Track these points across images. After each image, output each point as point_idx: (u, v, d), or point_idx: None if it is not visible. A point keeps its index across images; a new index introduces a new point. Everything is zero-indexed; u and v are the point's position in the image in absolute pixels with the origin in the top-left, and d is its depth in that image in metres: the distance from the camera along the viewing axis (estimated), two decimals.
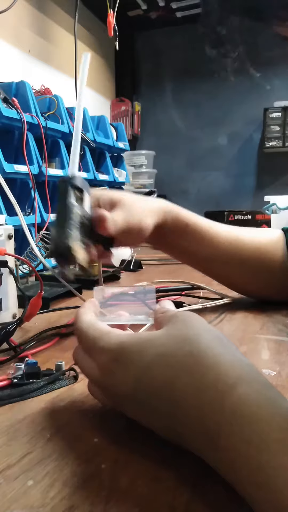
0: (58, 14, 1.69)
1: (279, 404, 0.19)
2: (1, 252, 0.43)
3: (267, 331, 0.46)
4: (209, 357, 0.22)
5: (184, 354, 0.23)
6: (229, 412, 0.20)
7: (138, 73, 2.45)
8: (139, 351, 0.24)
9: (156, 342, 0.24)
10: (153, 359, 0.23)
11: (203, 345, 0.23)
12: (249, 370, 0.22)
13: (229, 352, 0.23)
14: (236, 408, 0.19)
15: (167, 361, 0.23)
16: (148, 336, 0.25)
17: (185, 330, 0.24)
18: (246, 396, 0.20)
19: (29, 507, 0.19)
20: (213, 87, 2.28)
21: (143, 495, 0.20)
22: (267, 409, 0.19)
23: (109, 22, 0.94)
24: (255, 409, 0.19)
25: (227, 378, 0.21)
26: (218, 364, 0.22)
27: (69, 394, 0.31)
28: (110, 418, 0.28)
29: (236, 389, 0.20)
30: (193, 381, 0.22)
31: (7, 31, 1.39)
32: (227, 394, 0.20)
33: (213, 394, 0.21)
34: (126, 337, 0.25)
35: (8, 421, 0.27)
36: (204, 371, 0.22)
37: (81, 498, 0.20)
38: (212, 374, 0.21)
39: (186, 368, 0.22)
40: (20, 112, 0.87)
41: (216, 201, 2.23)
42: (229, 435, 0.19)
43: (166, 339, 0.24)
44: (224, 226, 0.53)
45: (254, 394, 0.20)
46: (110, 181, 1.32)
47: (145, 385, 0.23)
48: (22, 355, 0.38)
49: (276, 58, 0.75)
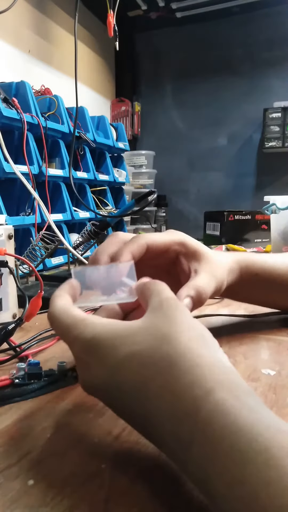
0: (58, 14, 1.69)
1: (259, 412, 0.18)
2: (1, 252, 0.43)
3: (267, 331, 0.46)
4: (187, 360, 0.21)
5: (160, 355, 0.21)
6: (204, 419, 0.18)
7: (138, 74, 2.45)
8: (112, 346, 0.22)
9: (133, 338, 0.22)
10: (127, 356, 0.22)
11: (182, 345, 0.21)
12: (229, 374, 0.20)
13: (210, 354, 0.21)
14: (212, 416, 0.18)
15: (141, 361, 0.21)
16: (125, 329, 0.23)
17: (165, 326, 0.22)
18: (223, 402, 0.18)
19: (29, 507, 0.20)
20: (213, 87, 2.28)
21: (143, 495, 0.20)
22: (246, 418, 0.17)
23: (109, 23, 0.94)
24: (232, 418, 0.17)
25: (204, 382, 0.19)
26: (195, 367, 0.20)
27: (69, 394, 0.31)
28: (110, 418, 0.28)
29: (212, 394, 0.19)
30: (168, 384, 0.20)
31: (7, 31, 1.39)
32: (202, 400, 0.19)
33: (188, 399, 0.19)
34: (101, 327, 0.23)
35: (8, 421, 0.27)
36: (180, 374, 0.20)
37: (81, 498, 0.20)
38: (188, 378, 0.20)
39: (161, 370, 0.21)
40: (20, 112, 0.87)
41: (216, 201, 2.23)
42: (203, 445, 0.18)
43: (144, 335, 0.22)
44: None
45: (232, 401, 0.18)
46: (110, 181, 1.32)
47: (118, 382, 0.22)
48: (22, 355, 0.38)
49: (276, 58, 0.74)
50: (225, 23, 2.19)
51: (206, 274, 0.37)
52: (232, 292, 0.44)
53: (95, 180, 1.22)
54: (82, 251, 0.83)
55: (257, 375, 0.34)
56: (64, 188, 1.03)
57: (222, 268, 0.40)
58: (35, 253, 0.68)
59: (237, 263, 0.43)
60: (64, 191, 1.03)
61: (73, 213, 1.04)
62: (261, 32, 2.13)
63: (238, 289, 0.44)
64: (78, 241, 0.82)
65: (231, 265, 0.42)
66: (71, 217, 1.03)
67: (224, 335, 0.45)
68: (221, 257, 0.41)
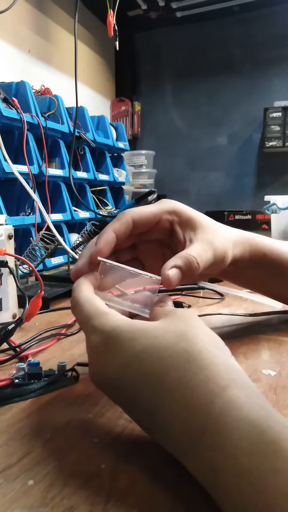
0: (58, 14, 1.69)
1: (269, 410, 0.19)
2: (1, 252, 0.43)
3: (268, 331, 0.46)
4: (203, 358, 0.22)
5: (178, 350, 0.22)
6: (217, 412, 0.19)
7: (138, 73, 2.45)
8: (132, 338, 0.23)
9: (152, 332, 0.23)
10: (144, 349, 0.22)
11: (200, 345, 0.22)
12: (242, 376, 0.21)
13: (224, 356, 0.23)
14: (225, 409, 0.19)
15: (158, 354, 0.22)
16: (144, 325, 0.24)
17: (183, 326, 0.24)
18: (236, 398, 0.19)
19: (29, 507, 0.19)
20: (213, 87, 2.28)
21: (143, 495, 0.20)
22: (257, 413, 0.18)
23: (109, 22, 0.94)
24: (244, 412, 0.18)
25: (220, 380, 0.20)
26: (211, 365, 0.21)
27: (69, 394, 0.31)
28: (110, 418, 0.28)
29: (227, 390, 0.20)
30: (183, 378, 0.21)
31: (7, 31, 1.39)
32: (217, 395, 0.20)
33: (203, 392, 0.20)
34: (122, 321, 0.24)
35: (8, 421, 0.27)
36: (196, 370, 0.21)
37: (81, 498, 0.20)
38: (204, 374, 0.21)
39: (178, 364, 0.21)
40: (20, 112, 0.87)
41: (216, 201, 2.23)
42: (215, 435, 0.18)
43: (162, 331, 0.23)
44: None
45: (245, 398, 0.19)
46: (110, 181, 1.32)
47: (132, 373, 0.22)
48: (22, 355, 0.38)
49: (276, 58, 0.73)
50: (225, 23, 2.19)
51: (200, 242, 0.34)
52: (238, 270, 0.41)
53: (95, 180, 1.22)
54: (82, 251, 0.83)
55: (258, 375, 0.34)
56: (64, 188, 1.03)
57: (224, 238, 0.37)
58: (35, 253, 0.68)
59: (244, 237, 0.40)
60: (64, 191, 1.03)
61: (73, 213, 1.04)
62: (261, 32, 2.13)
63: (244, 267, 0.41)
64: (78, 241, 0.82)
65: (237, 238, 0.39)
66: (71, 217, 1.03)
67: (224, 335, 0.45)
68: (225, 228, 0.39)
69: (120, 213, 0.34)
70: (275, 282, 0.45)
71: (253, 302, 0.57)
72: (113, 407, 0.29)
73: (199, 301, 0.59)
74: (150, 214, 0.34)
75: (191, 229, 0.35)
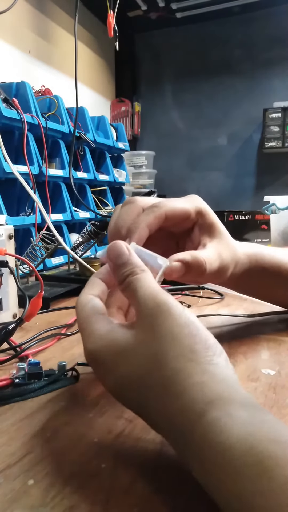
0: (58, 14, 1.70)
1: (252, 425, 0.18)
2: (2, 252, 0.43)
3: (267, 331, 0.46)
4: (177, 384, 0.21)
5: (152, 380, 0.22)
6: (199, 439, 0.19)
7: (138, 74, 2.46)
8: (114, 362, 0.23)
9: (127, 358, 0.23)
10: (126, 375, 0.23)
11: (170, 368, 0.21)
12: (221, 391, 0.20)
13: (201, 370, 0.21)
14: (205, 437, 0.18)
15: (138, 382, 0.22)
16: (120, 347, 0.23)
17: (151, 343, 0.22)
18: (215, 422, 0.19)
19: (29, 507, 0.19)
20: (213, 88, 2.28)
21: (143, 495, 0.20)
22: (238, 434, 0.18)
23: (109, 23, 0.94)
24: (225, 436, 0.18)
25: (196, 406, 0.20)
26: (184, 393, 0.20)
27: (69, 394, 0.31)
28: (110, 418, 0.28)
29: (205, 416, 0.19)
30: (163, 409, 0.21)
31: (7, 32, 1.39)
32: (195, 423, 0.19)
33: (182, 422, 0.20)
34: (105, 343, 0.24)
35: (8, 420, 0.27)
36: (172, 400, 0.21)
37: (81, 498, 0.20)
38: (179, 403, 0.20)
39: (156, 395, 0.21)
40: (20, 112, 0.87)
41: (216, 201, 2.22)
42: (201, 462, 0.18)
43: (136, 355, 0.22)
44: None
45: (224, 419, 0.18)
46: (110, 181, 1.32)
47: (122, 396, 0.24)
48: (22, 355, 0.38)
49: (276, 58, 0.72)
50: (225, 23, 2.19)
51: (213, 250, 0.35)
52: (236, 284, 0.42)
53: (95, 180, 1.22)
54: (82, 251, 0.83)
55: (257, 375, 0.34)
56: (64, 188, 1.03)
57: (231, 254, 0.37)
58: (35, 253, 0.68)
59: (247, 256, 0.41)
60: (64, 191, 1.03)
61: (73, 213, 1.04)
62: (261, 32, 2.13)
63: (243, 282, 0.42)
64: (78, 241, 0.82)
65: (242, 256, 0.40)
66: (71, 217, 1.03)
67: (224, 335, 0.45)
68: (235, 244, 0.39)
69: (154, 205, 0.32)
70: (273, 292, 0.47)
71: (252, 302, 0.57)
72: (113, 407, 0.29)
73: (199, 301, 0.59)
74: (182, 211, 0.34)
75: (209, 235, 0.36)
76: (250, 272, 0.41)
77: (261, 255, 0.42)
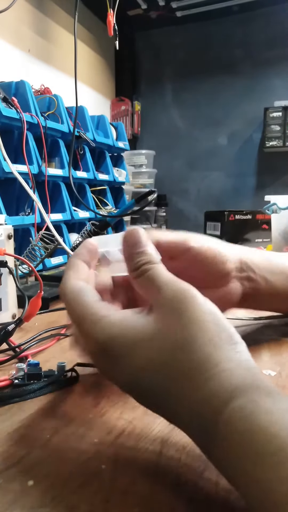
0: (58, 13, 1.69)
1: (275, 413, 0.18)
2: (1, 252, 0.43)
3: (268, 332, 0.46)
4: (203, 372, 0.20)
5: (178, 366, 0.21)
6: (223, 428, 0.19)
7: (138, 73, 2.45)
8: (129, 353, 0.22)
9: (148, 344, 0.22)
10: (144, 366, 0.22)
11: (198, 355, 0.21)
12: (246, 378, 0.20)
13: (227, 358, 0.21)
14: (230, 424, 0.19)
15: (159, 371, 0.21)
16: (139, 333, 0.22)
17: (177, 328, 0.22)
18: (240, 409, 0.19)
19: (29, 508, 0.19)
20: (213, 87, 2.28)
21: (143, 495, 0.20)
22: (262, 422, 0.18)
23: (109, 22, 0.94)
24: (248, 424, 0.18)
25: (222, 393, 0.20)
26: (213, 378, 0.20)
27: (69, 394, 0.31)
28: (110, 418, 0.28)
29: (230, 404, 0.19)
30: (187, 396, 0.20)
31: (7, 31, 1.39)
32: (220, 412, 0.19)
33: (207, 410, 0.20)
34: (118, 330, 0.23)
35: (7, 421, 0.27)
36: (199, 387, 0.20)
37: (81, 498, 0.20)
38: (206, 390, 0.20)
39: (180, 382, 0.21)
40: (19, 111, 0.87)
41: (216, 201, 2.23)
42: (224, 450, 0.19)
43: (158, 342, 0.22)
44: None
45: (249, 406, 0.19)
46: (110, 181, 1.32)
47: (138, 388, 0.22)
48: (21, 355, 0.38)
49: (276, 58, 0.72)
50: (225, 22, 2.19)
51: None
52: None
53: (95, 180, 1.22)
54: None
55: None
56: (63, 188, 1.03)
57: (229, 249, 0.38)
58: (34, 253, 0.68)
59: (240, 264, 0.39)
60: (63, 191, 1.03)
61: (73, 213, 1.04)
62: (261, 31, 2.13)
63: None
64: (78, 241, 0.81)
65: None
66: (71, 217, 1.03)
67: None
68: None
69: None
70: (271, 307, 0.46)
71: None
72: (113, 407, 0.29)
73: None
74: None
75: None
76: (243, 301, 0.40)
77: (254, 287, 0.40)
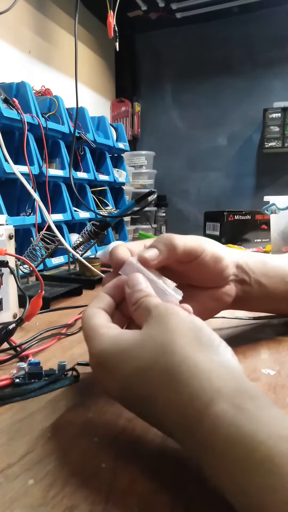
0: (58, 14, 1.70)
1: (260, 419, 0.18)
2: (2, 252, 0.43)
3: (267, 331, 0.46)
4: (184, 371, 0.21)
5: (160, 368, 0.22)
6: (207, 432, 0.19)
7: (138, 74, 2.45)
8: (119, 362, 0.23)
9: (134, 352, 0.23)
10: (132, 373, 0.23)
11: (177, 356, 0.22)
12: (228, 380, 0.20)
13: (208, 359, 0.21)
14: (214, 429, 0.18)
15: (145, 376, 0.22)
16: (127, 344, 0.24)
17: (160, 334, 0.23)
18: (223, 413, 0.18)
19: (29, 506, 0.20)
20: (213, 88, 2.28)
21: (143, 495, 0.20)
22: (247, 428, 0.17)
23: (109, 23, 0.94)
24: (233, 429, 0.18)
25: (203, 394, 0.20)
26: (192, 378, 0.20)
27: (69, 394, 0.31)
28: (110, 418, 0.28)
29: (212, 406, 0.19)
30: (171, 399, 0.21)
31: (7, 32, 1.39)
32: (203, 413, 0.19)
33: (190, 412, 0.20)
34: (109, 342, 0.25)
35: (8, 420, 0.28)
36: (180, 388, 0.21)
37: (81, 498, 0.20)
38: (187, 391, 0.20)
39: (163, 385, 0.21)
40: (20, 112, 0.87)
41: (216, 201, 2.23)
42: (210, 455, 0.18)
43: (144, 347, 0.23)
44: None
45: (233, 411, 0.18)
46: (110, 182, 1.32)
47: (129, 395, 0.24)
48: (22, 354, 0.38)
49: (276, 58, 0.72)
50: (225, 24, 2.19)
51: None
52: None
53: (95, 181, 1.22)
54: (83, 251, 0.83)
55: (257, 374, 0.35)
56: (64, 188, 1.03)
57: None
58: (35, 253, 0.68)
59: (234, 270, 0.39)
60: (64, 191, 1.03)
61: (73, 213, 1.04)
62: (261, 32, 2.13)
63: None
64: (78, 241, 0.82)
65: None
66: (71, 217, 1.03)
67: (224, 335, 0.45)
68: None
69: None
70: (267, 309, 0.46)
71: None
72: (113, 407, 0.29)
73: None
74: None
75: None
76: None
77: (249, 292, 0.41)
